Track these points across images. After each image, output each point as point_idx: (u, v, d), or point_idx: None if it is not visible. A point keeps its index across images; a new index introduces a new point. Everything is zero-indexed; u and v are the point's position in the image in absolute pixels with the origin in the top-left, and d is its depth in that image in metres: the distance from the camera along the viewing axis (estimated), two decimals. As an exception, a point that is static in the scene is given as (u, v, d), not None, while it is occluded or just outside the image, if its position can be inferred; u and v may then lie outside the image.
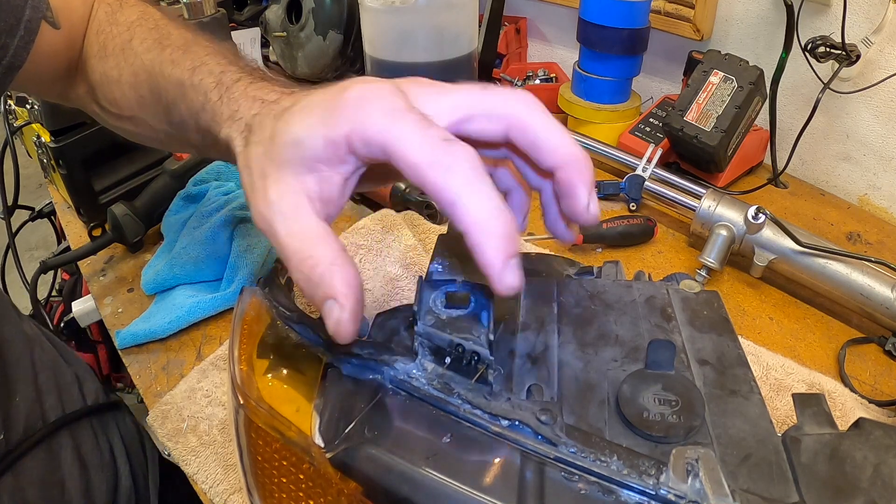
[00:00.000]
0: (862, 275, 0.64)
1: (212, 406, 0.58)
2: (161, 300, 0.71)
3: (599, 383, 0.33)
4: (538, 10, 1.21)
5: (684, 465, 0.25)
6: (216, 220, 0.74)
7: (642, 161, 0.86)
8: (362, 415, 0.29)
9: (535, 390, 0.32)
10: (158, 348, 0.66)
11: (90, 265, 0.80)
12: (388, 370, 0.31)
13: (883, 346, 0.64)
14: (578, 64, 0.99)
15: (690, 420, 0.29)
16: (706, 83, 0.83)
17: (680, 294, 0.39)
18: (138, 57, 0.44)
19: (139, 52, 0.44)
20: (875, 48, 0.79)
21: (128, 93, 0.45)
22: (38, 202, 1.10)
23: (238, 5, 1.31)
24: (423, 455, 0.27)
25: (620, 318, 0.37)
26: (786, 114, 0.92)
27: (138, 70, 0.44)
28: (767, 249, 0.69)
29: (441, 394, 0.29)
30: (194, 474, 0.53)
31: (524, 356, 0.34)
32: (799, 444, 0.29)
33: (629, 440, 0.29)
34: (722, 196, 0.74)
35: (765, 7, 0.90)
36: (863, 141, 0.86)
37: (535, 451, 0.27)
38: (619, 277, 0.44)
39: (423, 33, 0.76)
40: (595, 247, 0.78)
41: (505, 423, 0.28)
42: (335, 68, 1.09)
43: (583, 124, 1.00)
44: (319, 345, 0.33)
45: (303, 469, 0.29)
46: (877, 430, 0.30)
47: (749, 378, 0.33)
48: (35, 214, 1.11)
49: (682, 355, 0.34)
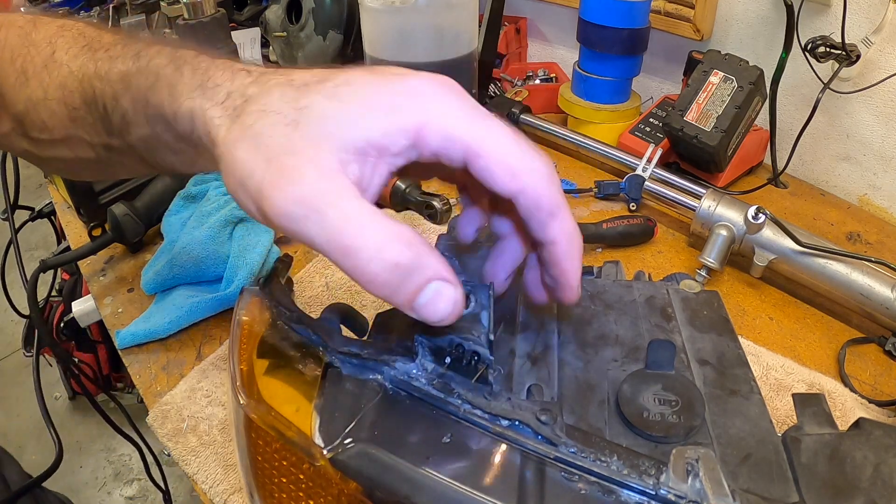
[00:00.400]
0: (862, 275, 0.64)
1: (212, 406, 0.58)
2: (161, 300, 0.71)
3: (599, 383, 0.33)
4: (538, 10, 1.21)
5: (684, 465, 0.25)
6: (216, 220, 0.74)
7: (642, 161, 0.86)
8: (362, 415, 0.29)
9: (535, 390, 0.32)
10: (158, 348, 0.66)
11: (90, 265, 0.80)
12: (388, 370, 0.31)
13: (883, 346, 0.64)
14: (578, 64, 0.99)
15: (690, 420, 0.30)
16: (706, 83, 0.83)
17: (680, 294, 0.39)
18: (64, 67, 0.38)
19: (65, 62, 0.39)
20: (875, 48, 0.79)
21: (57, 109, 0.39)
22: (38, 202, 1.10)
23: (238, 5, 1.31)
24: (423, 455, 0.27)
25: (620, 318, 0.37)
26: (786, 114, 0.92)
27: (66, 81, 0.38)
28: (767, 249, 0.69)
29: (441, 394, 0.29)
30: (194, 474, 0.53)
31: (524, 356, 0.34)
32: (799, 444, 0.29)
33: (629, 440, 0.29)
34: (722, 196, 0.74)
35: (765, 7, 0.90)
36: (863, 141, 0.86)
37: (535, 451, 0.27)
38: (619, 277, 0.44)
39: (423, 33, 0.76)
40: (595, 247, 0.78)
41: (505, 423, 0.28)
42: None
43: (583, 124, 1.00)
44: (319, 345, 0.33)
45: (303, 469, 0.29)
46: (877, 429, 0.30)
47: (749, 378, 0.33)
48: (35, 214, 1.11)
49: (682, 355, 0.34)
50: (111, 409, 0.89)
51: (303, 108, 0.27)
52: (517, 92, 1.08)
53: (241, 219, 0.75)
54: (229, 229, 0.74)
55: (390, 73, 0.28)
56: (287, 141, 0.27)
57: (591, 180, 0.88)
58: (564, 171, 0.96)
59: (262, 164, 0.26)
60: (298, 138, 0.27)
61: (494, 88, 1.13)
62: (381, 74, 0.28)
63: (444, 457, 0.27)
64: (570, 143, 0.97)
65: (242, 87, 0.29)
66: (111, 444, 1.77)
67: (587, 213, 0.86)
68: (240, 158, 0.27)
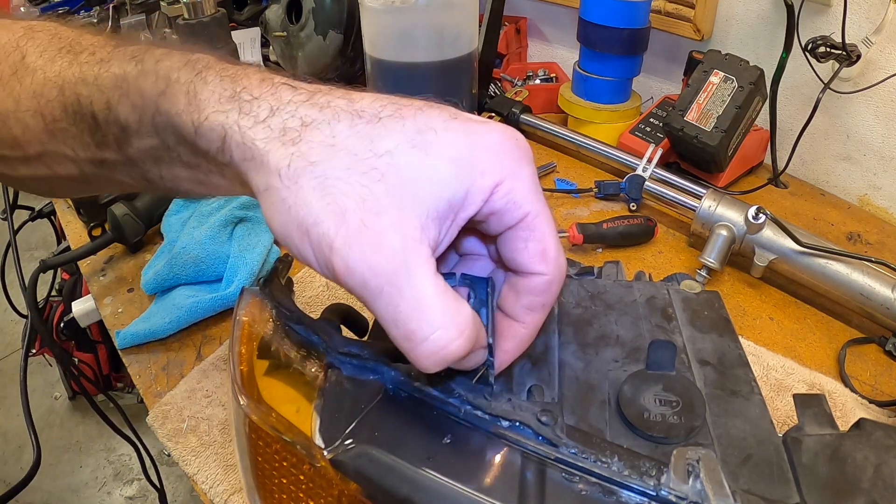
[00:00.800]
0: (862, 275, 0.64)
1: (212, 406, 0.58)
2: (161, 300, 0.71)
3: (600, 384, 0.33)
4: (538, 10, 1.21)
5: (685, 465, 0.25)
6: (216, 220, 0.74)
7: (642, 161, 0.86)
8: (363, 415, 0.29)
9: (535, 391, 0.32)
10: (158, 348, 0.66)
11: (90, 265, 0.80)
12: (388, 371, 0.31)
13: (883, 347, 0.64)
14: (579, 64, 0.99)
15: (691, 420, 0.29)
16: (706, 83, 0.83)
17: (681, 294, 0.39)
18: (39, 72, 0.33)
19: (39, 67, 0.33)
20: (875, 48, 0.79)
21: (31, 122, 0.34)
22: (38, 202, 1.10)
23: (238, 5, 1.31)
24: (423, 456, 0.27)
25: (621, 318, 0.37)
26: (786, 114, 0.92)
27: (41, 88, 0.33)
28: (768, 249, 0.69)
29: (441, 394, 0.29)
30: (194, 475, 0.53)
31: (525, 357, 0.34)
32: (800, 445, 0.29)
33: (630, 441, 0.29)
34: (722, 196, 0.74)
35: (765, 7, 0.90)
36: (863, 141, 0.86)
37: (535, 451, 0.27)
38: (619, 278, 0.44)
39: (424, 33, 0.76)
40: (595, 247, 0.78)
41: (505, 423, 0.28)
42: (335, 68, 1.09)
43: (583, 124, 1.00)
44: (320, 345, 0.33)
45: (303, 470, 0.29)
46: (878, 430, 0.30)
47: (750, 378, 0.33)
48: (35, 214, 1.11)
49: (683, 356, 0.34)
50: (111, 410, 0.89)
51: (384, 154, 0.24)
52: (517, 92, 1.08)
53: (241, 219, 0.75)
54: (229, 229, 0.74)
55: (469, 121, 0.26)
56: (370, 195, 0.24)
57: (591, 180, 0.88)
58: (565, 170, 0.96)
59: (334, 216, 0.24)
60: (383, 194, 0.24)
61: (495, 88, 1.13)
62: (461, 120, 0.26)
63: (445, 458, 0.27)
64: (571, 143, 0.97)
65: (293, 105, 0.26)
66: (111, 444, 1.77)
67: (587, 213, 0.86)
68: (305, 201, 0.24)
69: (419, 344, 0.24)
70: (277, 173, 0.25)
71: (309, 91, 0.27)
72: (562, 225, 0.79)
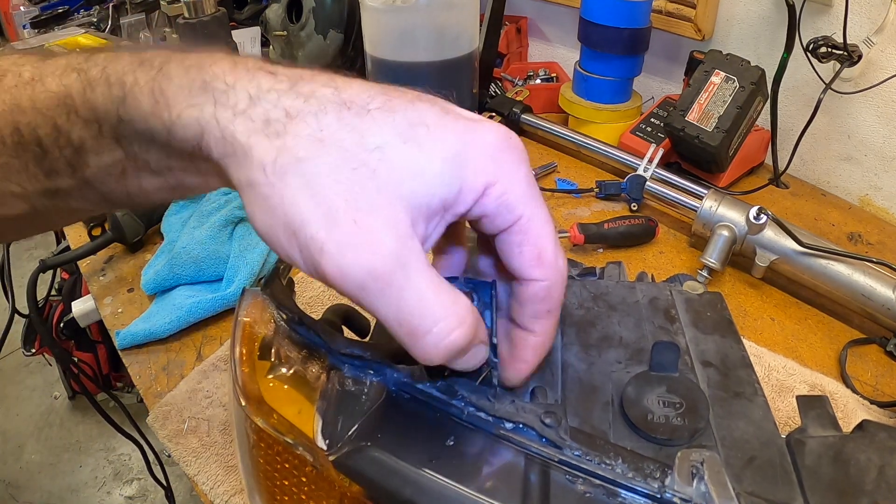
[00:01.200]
0: (863, 275, 0.64)
1: (213, 407, 0.58)
2: (161, 300, 0.71)
3: (603, 385, 0.32)
4: (539, 10, 1.21)
5: (689, 467, 0.25)
6: (216, 220, 0.73)
7: (643, 161, 0.86)
8: (365, 417, 0.29)
9: (538, 392, 0.32)
10: (158, 348, 0.66)
11: (90, 265, 0.79)
12: (391, 372, 0.30)
13: (884, 347, 0.64)
14: (579, 63, 0.99)
15: (695, 422, 0.29)
16: (707, 83, 0.83)
17: (683, 295, 0.39)
18: None
19: None
20: (877, 48, 0.79)
21: None
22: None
23: (238, 4, 1.31)
24: (426, 457, 0.27)
25: (624, 319, 0.37)
26: (787, 114, 0.92)
27: None
28: (769, 250, 0.69)
29: (444, 396, 0.29)
30: (195, 475, 0.53)
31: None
32: (803, 447, 0.29)
33: (633, 443, 0.29)
34: (723, 196, 0.74)
35: (766, 7, 0.90)
36: (864, 141, 0.86)
37: (539, 453, 0.27)
38: (621, 278, 0.44)
39: (424, 33, 0.76)
40: (596, 247, 0.78)
41: (509, 425, 0.28)
42: (336, 68, 1.09)
43: (584, 124, 1.00)
44: (321, 346, 0.33)
45: (305, 471, 0.29)
46: (881, 432, 0.29)
47: (753, 380, 0.33)
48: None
49: (686, 357, 0.34)
50: (111, 409, 0.89)
51: (374, 149, 0.23)
52: (518, 91, 1.08)
53: (241, 218, 0.75)
54: (229, 229, 0.74)
55: (462, 117, 0.25)
56: (361, 192, 0.23)
57: (592, 180, 0.88)
58: (565, 170, 0.96)
59: (323, 216, 0.23)
60: (374, 191, 0.23)
61: (495, 88, 1.13)
62: (453, 116, 0.25)
63: (448, 459, 0.27)
64: (571, 142, 0.97)
65: (274, 94, 0.24)
66: (111, 443, 1.77)
67: (588, 213, 0.86)
68: (290, 200, 0.23)
69: (422, 338, 0.24)
70: (262, 168, 0.23)
71: (290, 78, 0.25)
72: (563, 225, 0.79)
